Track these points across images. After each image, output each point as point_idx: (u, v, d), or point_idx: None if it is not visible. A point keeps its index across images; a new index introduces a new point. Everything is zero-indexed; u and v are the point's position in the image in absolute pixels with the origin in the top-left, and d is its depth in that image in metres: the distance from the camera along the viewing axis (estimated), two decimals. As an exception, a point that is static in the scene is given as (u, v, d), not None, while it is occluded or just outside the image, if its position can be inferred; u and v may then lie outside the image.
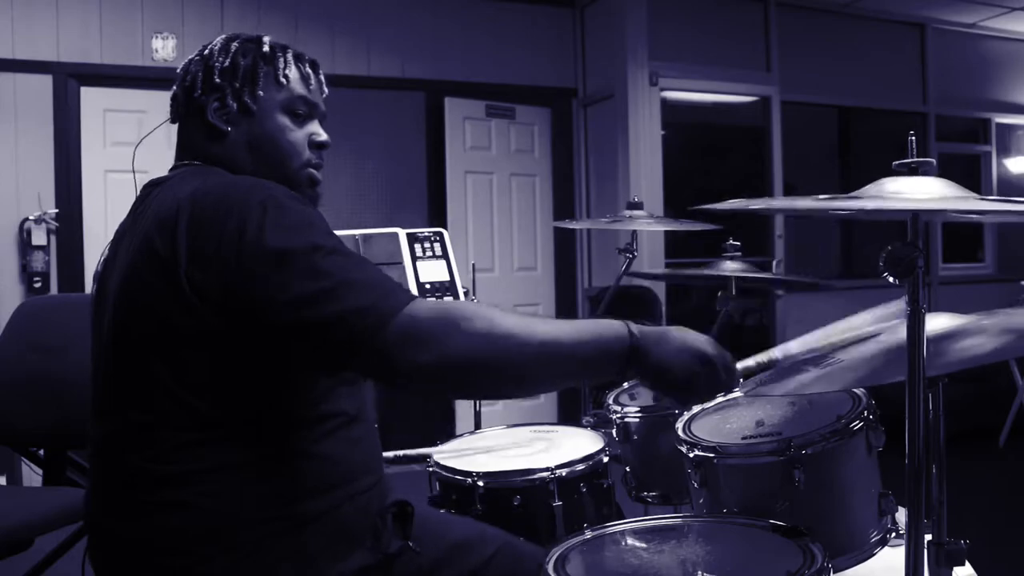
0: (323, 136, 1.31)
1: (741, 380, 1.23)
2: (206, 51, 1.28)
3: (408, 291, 1.06)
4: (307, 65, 1.31)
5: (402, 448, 1.71)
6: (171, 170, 1.29)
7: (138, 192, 1.28)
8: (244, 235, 1.03)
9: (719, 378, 1.16)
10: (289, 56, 1.29)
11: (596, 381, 1.20)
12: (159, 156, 1.39)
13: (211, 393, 1.08)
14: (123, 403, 1.12)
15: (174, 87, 1.30)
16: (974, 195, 1.00)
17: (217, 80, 1.25)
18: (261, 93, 1.26)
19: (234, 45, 1.28)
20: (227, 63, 1.25)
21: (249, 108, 1.25)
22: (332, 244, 1.07)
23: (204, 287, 1.04)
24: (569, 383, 1.20)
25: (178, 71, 1.30)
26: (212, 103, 1.25)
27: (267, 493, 1.10)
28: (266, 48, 1.28)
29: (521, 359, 1.06)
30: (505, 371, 1.07)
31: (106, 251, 1.26)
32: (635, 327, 1.11)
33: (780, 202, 1.14)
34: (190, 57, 1.30)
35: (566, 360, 1.09)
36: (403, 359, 1.01)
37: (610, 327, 1.11)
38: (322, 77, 1.34)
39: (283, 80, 1.27)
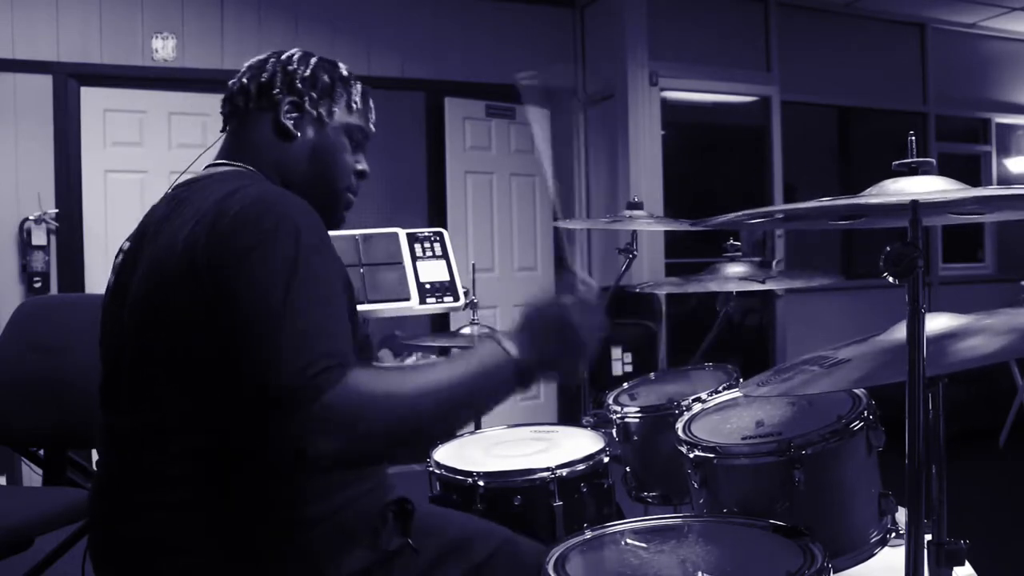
0: (365, 166, 1.37)
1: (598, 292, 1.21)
2: (283, 56, 1.31)
3: (333, 369, 0.98)
4: (370, 101, 1.38)
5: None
6: (210, 166, 1.29)
7: (170, 189, 1.27)
8: (248, 257, 1.04)
9: (587, 320, 1.16)
10: (359, 87, 1.36)
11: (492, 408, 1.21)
12: (159, 156, 1.39)
13: (223, 397, 1.08)
14: (139, 402, 1.12)
15: (242, 80, 1.30)
16: (973, 188, 1.00)
17: (298, 85, 1.28)
18: (336, 110, 1.31)
19: (313, 60, 1.32)
20: (307, 73, 1.30)
21: (323, 120, 1.30)
22: (313, 294, 1.04)
23: (214, 293, 1.05)
24: (469, 422, 1.20)
25: (246, 66, 1.32)
26: (285, 104, 1.27)
27: (274, 496, 1.11)
28: (344, 72, 1.34)
29: (423, 427, 1.06)
30: (410, 441, 1.06)
31: (126, 245, 1.24)
32: (509, 345, 1.10)
33: (778, 208, 1.14)
34: (261, 57, 1.32)
35: (466, 405, 1.10)
36: (306, 445, 0.97)
37: (492, 356, 1.10)
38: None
39: (354, 106, 1.34)
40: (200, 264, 1.06)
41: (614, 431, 1.84)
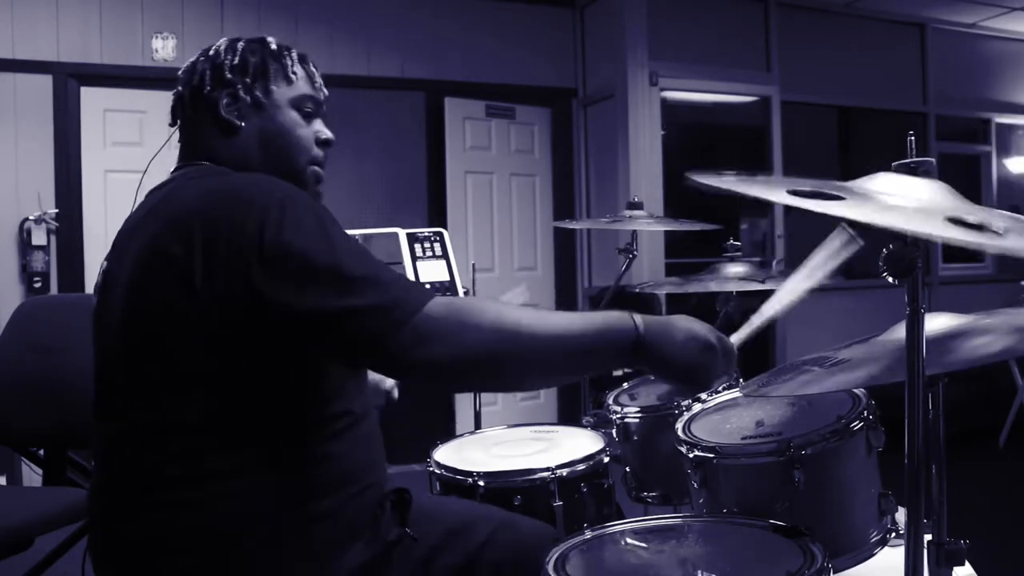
0: (328, 133, 1.34)
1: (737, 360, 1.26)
2: (211, 51, 1.29)
3: (424, 289, 1.08)
4: (310, 65, 1.34)
5: (402, 454, 1.71)
6: (174, 171, 1.29)
7: (141, 198, 1.28)
8: (264, 233, 1.04)
9: (720, 365, 1.20)
10: (294, 55, 1.32)
11: (602, 372, 1.24)
12: (159, 156, 1.39)
13: (223, 395, 1.08)
14: (133, 404, 1.12)
15: (178, 88, 1.30)
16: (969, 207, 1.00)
17: (228, 76, 1.26)
18: (273, 88, 1.28)
19: (240, 44, 1.29)
20: (236, 60, 1.27)
21: (261, 103, 1.27)
22: (349, 243, 1.08)
23: (220, 285, 1.05)
24: (577, 375, 1.22)
25: (181, 73, 1.31)
26: (223, 99, 1.25)
27: (275, 494, 1.10)
28: (273, 46, 1.31)
29: (530, 353, 1.08)
30: (514, 365, 1.09)
31: (105, 264, 1.25)
32: (640, 320, 1.14)
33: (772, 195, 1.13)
34: (192, 59, 1.31)
35: (574, 353, 1.12)
36: (417, 357, 1.03)
37: (618, 320, 1.14)
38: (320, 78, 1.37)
39: (292, 77, 1.30)
40: (197, 269, 1.05)
41: (614, 431, 1.84)
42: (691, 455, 1.40)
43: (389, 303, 1.03)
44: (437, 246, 2.63)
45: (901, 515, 1.23)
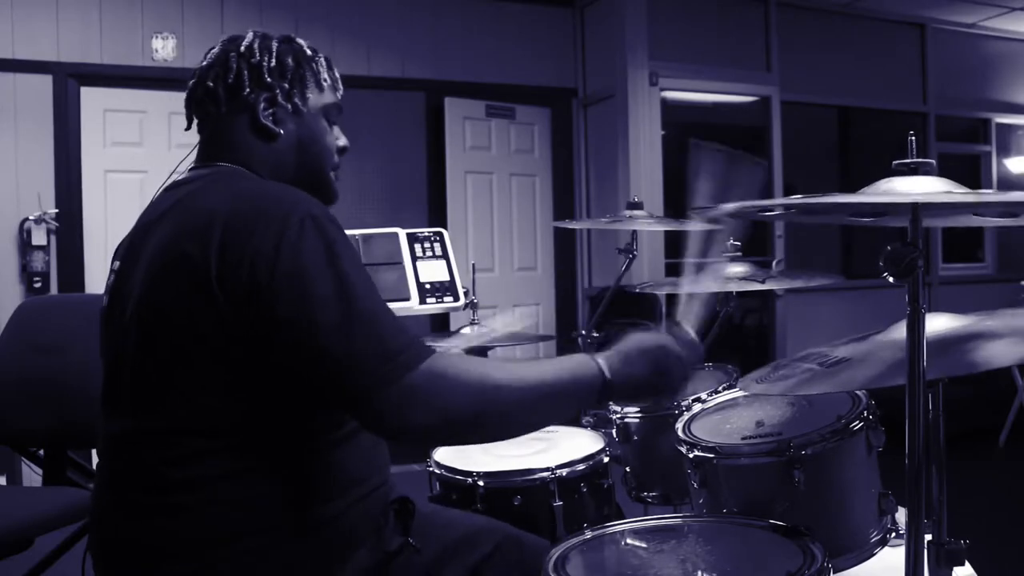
0: (345, 141, 1.34)
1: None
2: (242, 48, 1.24)
3: (422, 346, 1.06)
4: (335, 70, 1.33)
5: (403, 454, 1.71)
6: (193, 169, 1.26)
7: (159, 192, 1.26)
8: (280, 251, 1.03)
9: (685, 360, 1.20)
10: (323, 59, 1.31)
11: (574, 414, 1.25)
12: (159, 156, 1.39)
13: (230, 399, 1.08)
14: (141, 405, 1.11)
15: (207, 83, 1.23)
16: (973, 192, 1.00)
17: (268, 79, 1.23)
18: (309, 96, 1.27)
19: (274, 44, 1.25)
20: (273, 62, 1.23)
21: (300, 109, 1.26)
22: (361, 279, 1.07)
23: (233, 293, 1.04)
24: (551, 422, 1.24)
25: (206, 64, 1.25)
26: (261, 103, 1.22)
27: (277, 499, 1.10)
28: (307, 50, 1.29)
29: (508, 410, 1.10)
30: (494, 423, 1.11)
31: (116, 265, 1.23)
32: (603, 360, 1.15)
33: (778, 202, 1.13)
34: (216, 50, 1.25)
35: (548, 403, 1.13)
36: (400, 419, 1.03)
37: (583, 365, 1.14)
38: None
39: (323, 84, 1.29)
40: (212, 270, 1.05)
41: (614, 431, 1.84)
42: (691, 455, 1.40)
43: (383, 356, 1.02)
44: (437, 246, 2.62)
45: (901, 515, 1.23)
